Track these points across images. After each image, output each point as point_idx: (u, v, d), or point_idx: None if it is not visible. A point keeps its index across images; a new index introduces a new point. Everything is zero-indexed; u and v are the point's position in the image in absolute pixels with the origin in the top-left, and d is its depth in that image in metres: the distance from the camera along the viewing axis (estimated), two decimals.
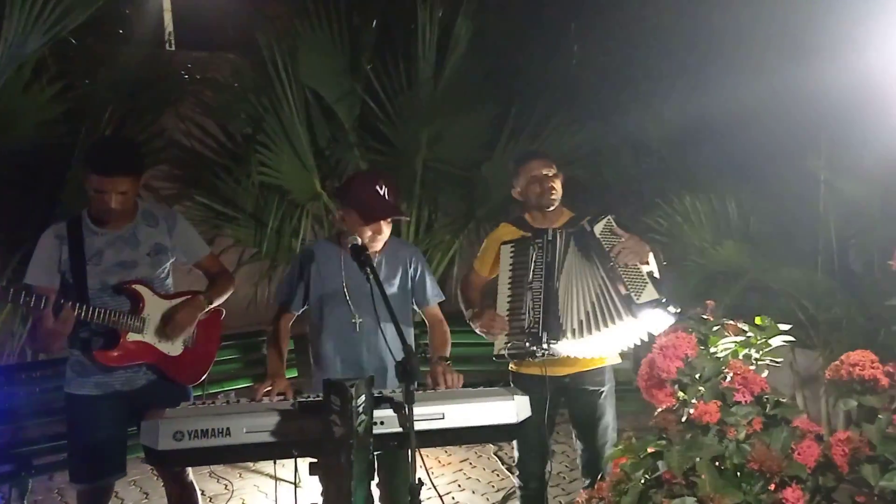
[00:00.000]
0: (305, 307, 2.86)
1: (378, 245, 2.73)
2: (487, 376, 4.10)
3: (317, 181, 5.77)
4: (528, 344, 2.85)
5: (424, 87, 5.79)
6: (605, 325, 2.77)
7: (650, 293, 2.77)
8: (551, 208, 3.06)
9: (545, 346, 2.82)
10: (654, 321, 2.73)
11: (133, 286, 2.68)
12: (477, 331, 3.01)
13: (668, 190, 5.00)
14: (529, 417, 2.44)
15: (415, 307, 2.96)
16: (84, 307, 2.52)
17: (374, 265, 2.51)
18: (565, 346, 2.84)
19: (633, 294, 2.77)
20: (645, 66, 5.61)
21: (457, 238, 6.18)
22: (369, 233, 2.67)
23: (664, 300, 2.76)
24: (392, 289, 2.78)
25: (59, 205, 5.09)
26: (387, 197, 2.63)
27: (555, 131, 5.77)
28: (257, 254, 5.84)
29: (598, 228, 2.85)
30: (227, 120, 5.76)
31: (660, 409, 2.26)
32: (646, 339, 2.78)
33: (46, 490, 4.06)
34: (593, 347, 2.87)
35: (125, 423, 2.80)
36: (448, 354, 2.90)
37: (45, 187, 5.15)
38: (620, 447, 2.31)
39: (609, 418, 3.13)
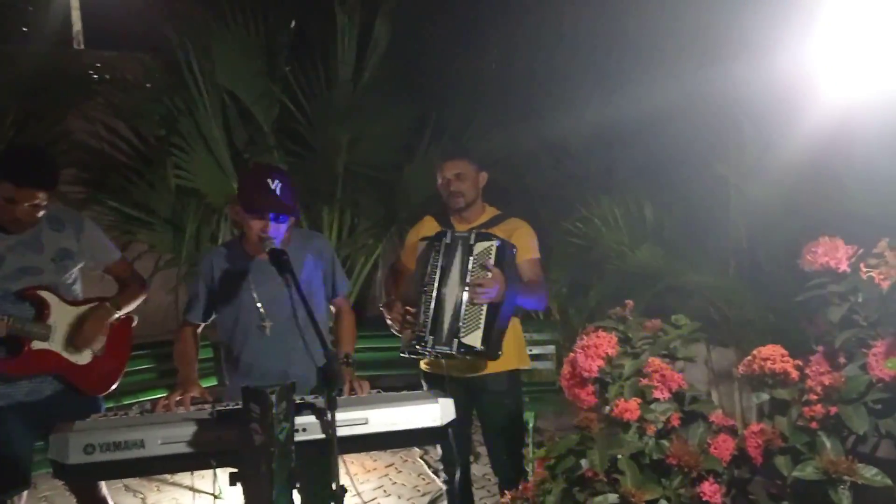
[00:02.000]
0: (213, 316, 2.76)
1: (271, 243, 2.57)
2: (413, 381, 4.10)
3: (234, 184, 5.63)
4: (417, 347, 2.86)
5: (343, 89, 5.74)
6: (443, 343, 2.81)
7: (476, 338, 2.79)
8: (458, 209, 3.09)
9: (429, 349, 2.82)
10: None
11: (37, 292, 2.54)
12: (388, 322, 2.99)
13: (586, 193, 5.11)
14: (453, 420, 2.43)
15: None
16: None
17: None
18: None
19: (462, 328, 2.79)
20: (563, 69, 5.71)
21: (379, 242, 6.14)
22: (257, 229, 2.55)
23: (483, 349, 2.78)
24: (310, 286, 2.71)
25: None
26: (278, 192, 2.51)
27: (475, 134, 5.80)
28: (174, 259, 5.66)
29: (477, 248, 2.83)
30: (139, 122, 5.56)
31: (582, 408, 2.29)
32: None
33: None
34: None
35: (30, 436, 2.65)
36: (353, 349, 2.85)
37: None
38: (545, 447, 2.33)
39: (516, 420, 3.16)
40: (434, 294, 2.82)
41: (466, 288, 2.78)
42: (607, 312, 2.55)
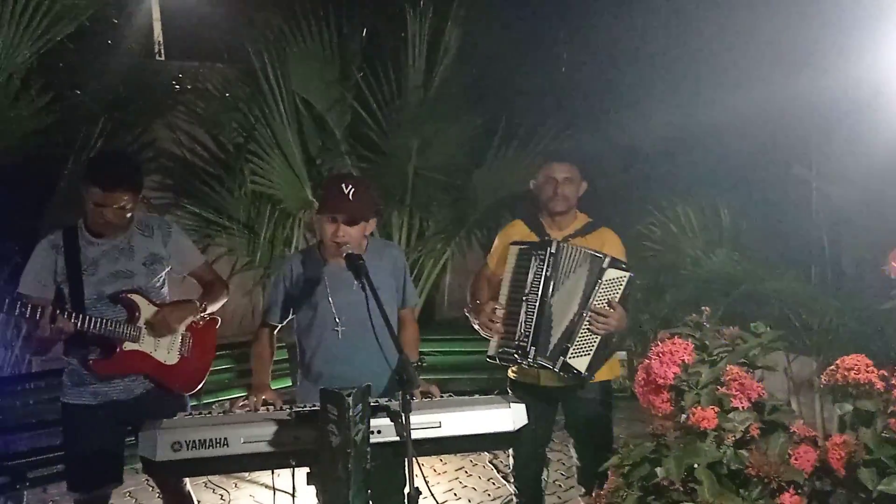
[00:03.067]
0: (290, 318, 2.83)
1: (347, 248, 2.63)
2: (482, 384, 4.11)
3: (308, 190, 5.76)
4: (516, 356, 2.86)
5: (414, 95, 5.82)
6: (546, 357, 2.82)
7: (582, 363, 2.81)
8: (558, 213, 3.06)
9: (530, 360, 2.83)
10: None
11: (129, 295, 2.66)
12: (475, 325, 2.99)
13: (658, 197, 5.04)
14: (526, 425, 2.43)
15: None
16: (80, 317, 2.51)
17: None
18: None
19: (572, 349, 2.80)
20: (635, 72, 5.65)
21: (448, 246, 6.18)
22: (329, 232, 2.60)
23: (584, 375, 2.80)
24: (383, 294, 2.76)
25: (47, 216, 5.08)
26: (351, 197, 2.57)
27: (544, 138, 5.79)
28: (250, 263, 5.83)
29: (609, 274, 2.80)
30: (218, 130, 5.75)
31: (657, 416, 2.27)
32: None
33: (40, 502, 4.03)
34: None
35: (121, 433, 2.78)
36: (416, 357, 2.88)
37: (34, 199, 5.13)
38: (618, 455, 2.31)
39: (605, 427, 3.13)
40: (537, 304, 2.81)
41: (586, 311, 2.78)
42: (682, 319, 2.51)
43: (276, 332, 2.87)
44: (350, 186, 2.62)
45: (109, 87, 5.42)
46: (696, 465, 2.10)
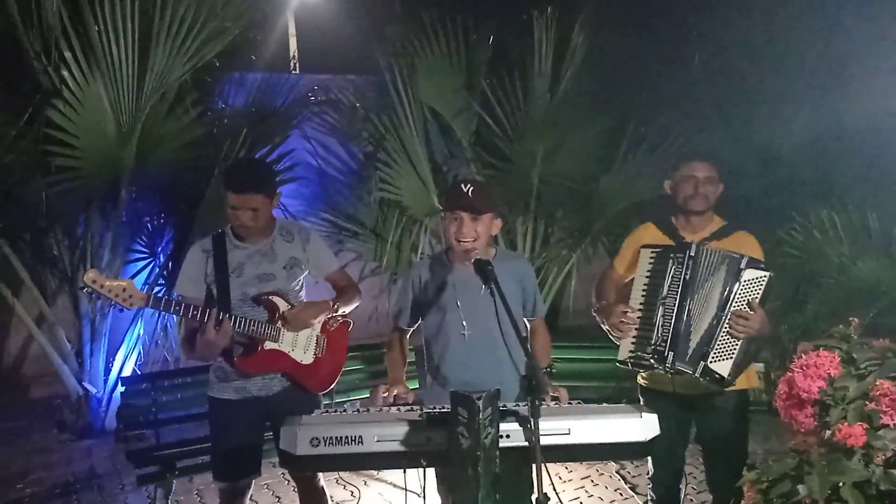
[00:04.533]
0: (419, 322, 2.89)
1: (465, 238, 2.68)
2: (608, 393, 4.03)
3: (434, 197, 5.89)
4: (653, 361, 2.79)
5: (540, 102, 5.82)
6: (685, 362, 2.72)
7: (724, 367, 2.70)
8: (698, 213, 2.98)
9: (668, 366, 2.75)
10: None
11: (270, 297, 2.81)
12: (603, 326, 2.94)
13: (800, 201, 4.80)
14: (657, 436, 2.37)
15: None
16: (228, 317, 2.68)
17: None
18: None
19: (712, 354, 2.70)
20: (773, 71, 5.41)
21: (573, 252, 6.13)
22: (453, 230, 2.66)
23: (727, 379, 2.69)
24: (509, 302, 2.77)
25: (195, 222, 5.45)
26: (470, 193, 2.63)
27: (675, 143, 5.64)
28: (378, 268, 6.01)
29: (747, 275, 2.70)
30: (350, 139, 5.98)
31: (799, 431, 2.16)
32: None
33: (186, 491, 4.30)
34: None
35: (261, 427, 2.94)
36: (548, 363, 2.87)
37: (184, 206, 5.53)
38: (757, 470, 2.22)
39: (740, 439, 3.00)
40: (675, 308, 2.75)
41: (726, 315, 2.70)
42: (827, 330, 2.38)
43: (408, 335, 2.94)
44: (469, 185, 2.69)
45: (250, 100, 5.76)
46: (841, 484, 1.99)
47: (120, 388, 4.60)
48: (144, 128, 5.04)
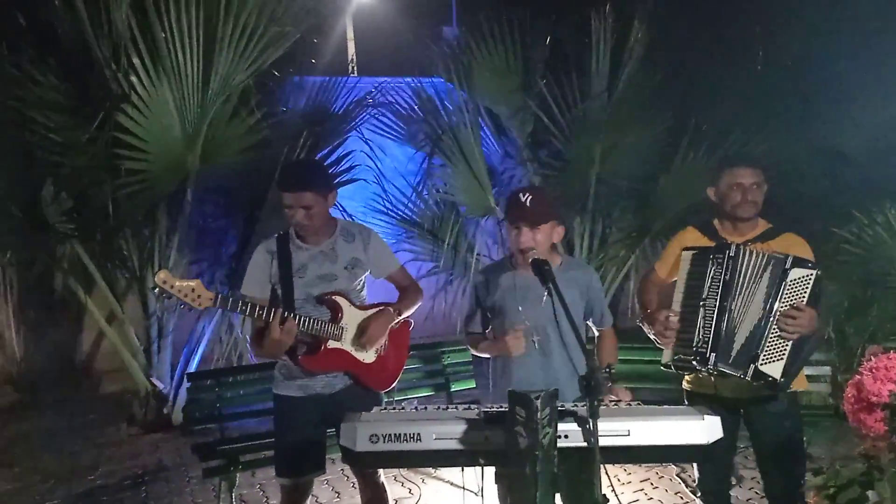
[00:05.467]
0: (489, 327, 2.92)
1: (525, 247, 2.70)
2: (666, 395, 3.98)
3: (490, 197, 5.90)
4: (695, 363, 2.76)
5: (597, 101, 5.77)
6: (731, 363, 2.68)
7: (776, 369, 2.63)
8: (744, 219, 2.94)
9: (711, 367, 2.72)
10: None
11: (333, 297, 2.87)
12: (650, 335, 2.93)
13: (865, 201, 4.66)
14: (720, 439, 2.34)
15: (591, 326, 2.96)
16: (292, 316, 2.75)
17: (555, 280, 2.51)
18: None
19: (762, 356, 2.64)
20: (839, 67, 5.26)
21: (632, 253, 6.07)
22: (513, 240, 2.71)
23: (780, 382, 2.63)
24: (571, 309, 2.77)
25: (257, 223, 5.58)
26: (528, 203, 2.67)
27: (737, 141, 5.54)
28: (434, 268, 6.05)
29: (794, 273, 2.66)
30: (407, 141, 6.04)
31: (869, 436, 2.11)
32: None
33: (249, 485, 4.41)
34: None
35: (324, 425, 2.99)
36: (614, 363, 2.86)
37: (245, 208, 5.67)
38: (823, 475, 2.18)
39: (795, 445, 2.94)
40: (716, 309, 2.72)
41: (774, 315, 2.65)
42: (893, 332, 2.32)
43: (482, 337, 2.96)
44: (527, 194, 2.72)
45: (310, 103, 5.87)
46: None
47: (186, 384, 4.74)
48: (209, 131, 5.20)
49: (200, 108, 5.09)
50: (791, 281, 2.65)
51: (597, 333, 3.00)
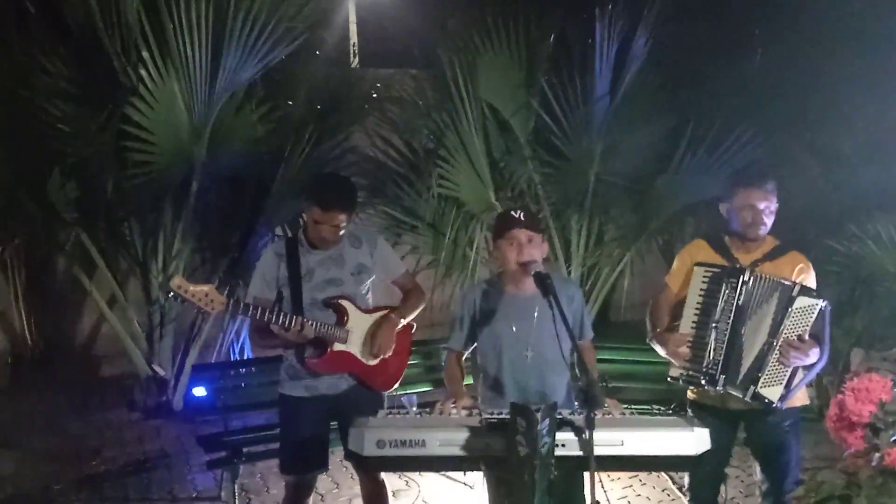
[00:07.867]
0: (473, 345, 2.98)
1: (527, 259, 2.73)
2: (658, 395, 4.09)
3: (491, 193, 5.97)
4: (703, 382, 2.87)
5: (600, 101, 5.82)
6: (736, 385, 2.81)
7: (774, 392, 2.76)
8: (751, 239, 2.96)
9: (720, 388, 2.84)
10: None
11: (339, 301, 2.97)
12: (662, 354, 3.01)
13: (858, 207, 4.75)
14: (707, 451, 2.46)
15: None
16: (301, 320, 2.85)
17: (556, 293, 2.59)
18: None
19: (762, 379, 2.76)
20: (837, 70, 5.33)
21: (627, 251, 6.16)
22: (512, 259, 2.74)
23: (775, 405, 2.77)
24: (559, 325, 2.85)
25: (261, 213, 5.66)
26: (522, 217, 2.76)
27: (735, 142, 5.61)
28: (434, 261, 6.13)
29: (799, 302, 2.76)
30: (411, 135, 6.09)
31: (848, 452, 2.22)
32: None
33: (250, 475, 4.52)
34: None
35: (327, 423, 3.11)
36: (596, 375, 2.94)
37: (250, 199, 5.74)
38: (805, 486, 2.29)
39: (792, 453, 3.05)
40: (728, 333, 2.82)
41: (777, 341, 2.76)
42: (878, 336, 2.44)
43: (462, 358, 3.02)
44: (518, 210, 2.83)
45: (315, 97, 5.91)
46: None
47: (189, 374, 4.83)
48: (216, 124, 5.25)
49: (208, 102, 5.15)
50: (796, 309, 2.76)
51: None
